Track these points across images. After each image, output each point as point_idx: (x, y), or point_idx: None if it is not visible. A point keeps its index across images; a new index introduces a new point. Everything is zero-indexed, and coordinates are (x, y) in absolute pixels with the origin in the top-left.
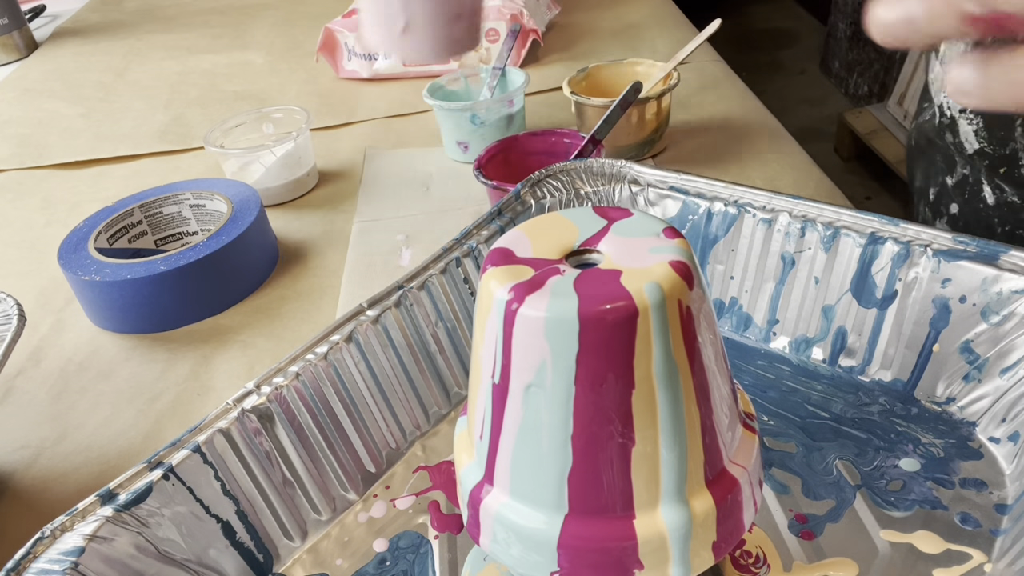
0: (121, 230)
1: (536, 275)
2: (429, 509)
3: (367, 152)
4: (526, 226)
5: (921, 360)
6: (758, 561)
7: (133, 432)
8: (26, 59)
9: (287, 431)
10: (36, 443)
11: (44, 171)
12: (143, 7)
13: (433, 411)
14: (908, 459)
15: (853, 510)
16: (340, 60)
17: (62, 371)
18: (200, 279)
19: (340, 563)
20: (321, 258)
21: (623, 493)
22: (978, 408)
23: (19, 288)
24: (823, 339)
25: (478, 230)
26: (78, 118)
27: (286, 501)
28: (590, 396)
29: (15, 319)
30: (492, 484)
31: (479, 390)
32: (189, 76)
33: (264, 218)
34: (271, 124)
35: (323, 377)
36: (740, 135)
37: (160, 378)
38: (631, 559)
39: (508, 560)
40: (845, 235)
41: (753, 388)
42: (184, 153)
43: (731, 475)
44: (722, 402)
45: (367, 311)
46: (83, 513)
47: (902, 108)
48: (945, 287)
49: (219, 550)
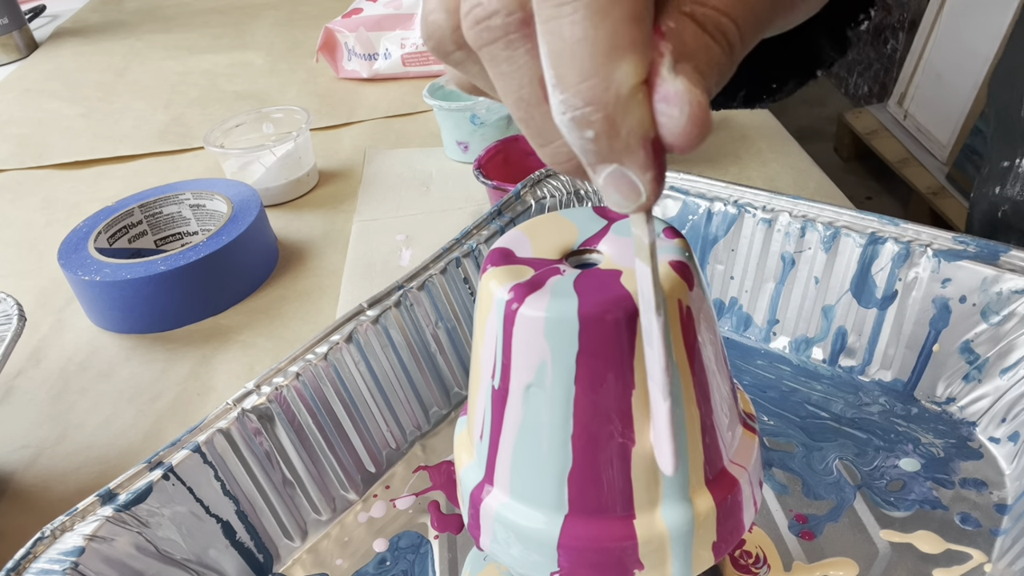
0: (121, 230)
1: (536, 275)
2: (429, 509)
3: (367, 152)
4: (526, 226)
5: (921, 360)
6: (758, 561)
7: (133, 432)
8: (26, 59)
9: (287, 431)
10: (36, 443)
11: (44, 171)
12: (143, 7)
13: (433, 411)
14: (908, 459)
15: (853, 510)
16: (340, 60)
17: (62, 371)
18: (200, 279)
19: (340, 563)
20: (321, 258)
21: (623, 493)
22: (978, 408)
23: (19, 288)
24: (823, 339)
25: (478, 230)
26: (78, 118)
27: (286, 501)
28: (590, 396)
29: (15, 319)
30: (492, 484)
31: (479, 390)
32: (189, 76)
33: (264, 218)
34: (271, 124)
35: (323, 377)
36: (740, 135)
37: (160, 378)
38: (631, 559)
39: (508, 560)
40: (845, 235)
41: (753, 388)
42: (184, 153)
43: (731, 475)
44: (722, 402)
45: (367, 311)
46: (83, 513)
47: (902, 108)
48: (945, 287)
49: (219, 550)
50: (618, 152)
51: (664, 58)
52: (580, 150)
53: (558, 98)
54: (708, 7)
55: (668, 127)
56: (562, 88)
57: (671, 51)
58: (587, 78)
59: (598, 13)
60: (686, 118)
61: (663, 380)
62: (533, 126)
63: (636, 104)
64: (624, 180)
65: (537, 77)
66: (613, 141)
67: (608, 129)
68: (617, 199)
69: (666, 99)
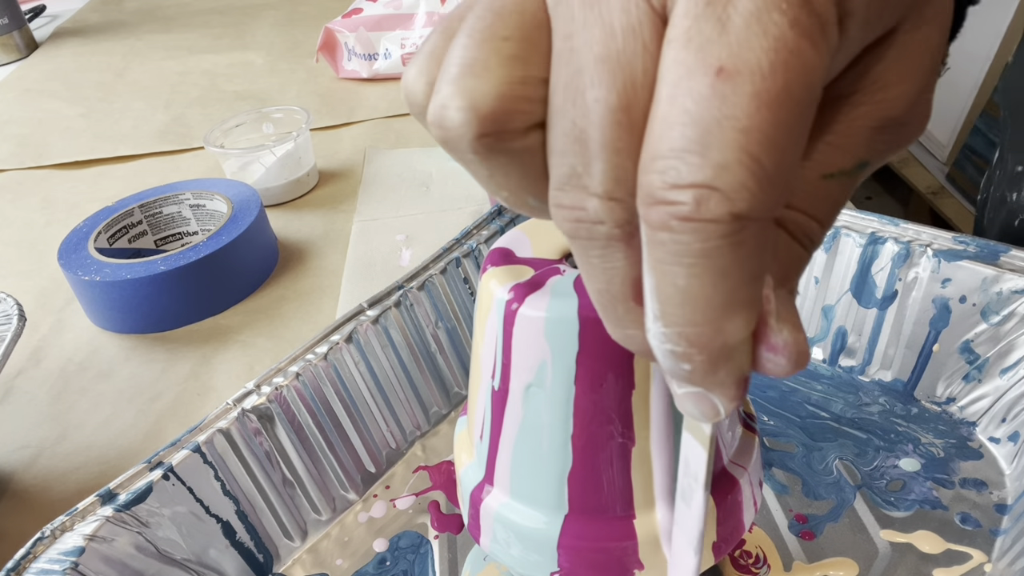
0: (121, 230)
1: (536, 275)
2: (429, 509)
3: (367, 152)
4: (526, 226)
5: (921, 360)
6: (758, 561)
7: (133, 432)
8: (26, 59)
9: (287, 431)
10: (36, 443)
11: (44, 171)
12: (143, 7)
13: (433, 411)
14: (908, 459)
15: (853, 510)
16: (340, 60)
17: (62, 371)
18: (200, 279)
19: (340, 563)
20: (321, 258)
21: (623, 493)
22: (978, 408)
23: (19, 288)
24: (823, 339)
25: (478, 230)
26: (78, 118)
27: (286, 501)
28: (590, 396)
29: (15, 319)
30: (492, 484)
31: (479, 390)
32: (189, 76)
33: (264, 218)
34: (271, 124)
35: (323, 377)
36: None
37: (160, 378)
38: (631, 559)
39: (508, 560)
40: (845, 235)
41: (753, 388)
42: (184, 153)
43: (731, 475)
44: None
45: (367, 311)
46: (83, 513)
47: None
48: (945, 287)
49: (219, 550)
50: (710, 385)
51: (771, 303)
52: (667, 369)
53: (658, 327)
54: (798, 211)
55: (771, 371)
56: (665, 323)
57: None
58: (695, 325)
59: (719, 274)
60: (792, 364)
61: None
62: (612, 317)
63: (740, 352)
64: (706, 402)
65: (630, 280)
66: (708, 378)
67: (707, 369)
68: (692, 412)
69: (773, 348)
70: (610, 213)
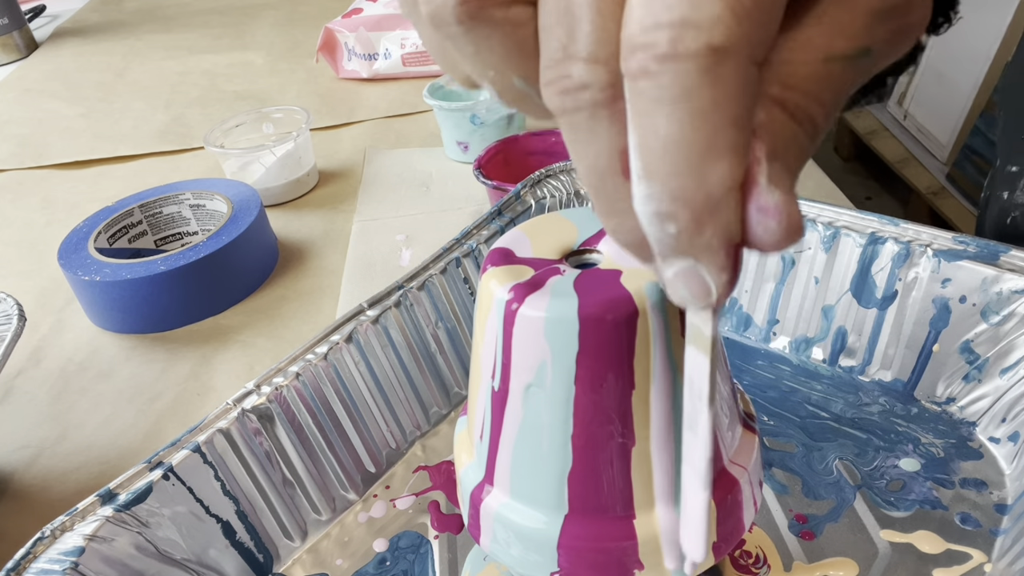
0: (121, 230)
1: (536, 275)
2: (429, 509)
3: (367, 152)
4: (526, 226)
5: (921, 360)
6: (758, 561)
7: (133, 432)
8: (26, 59)
9: (287, 431)
10: (36, 443)
11: (44, 171)
12: (143, 7)
13: (433, 411)
14: (908, 459)
15: (853, 510)
16: (340, 60)
17: (62, 371)
18: (200, 279)
19: (340, 563)
20: (321, 258)
21: (623, 493)
22: (978, 408)
23: (19, 288)
24: (823, 339)
25: (478, 230)
26: (78, 118)
27: (286, 501)
28: (590, 396)
29: (15, 319)
30: (492, 484)
31: (479, 390)
32: (189, 76)
33: (264, 218)
34: (271, 124)
35: (323, 377)
36: None
37: (160, 378)
38: (631, 559)
39: (508, 560)
40: (845, 235)
41: (753, 388)
42: (184, 153)
43: (731, 475)
44: (722, 402)
45: (367, 311)
46: (83, 513)
47: (902, 108)
48: (945, 287)
49: (219, 550)
50: (697, 250)
51: (761, 164)
52: (655, 240)
53: (642, 188)
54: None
55: (761, 236)
56: (649, 179)
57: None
58: (678, 175)
59: (699, 115)
60: (783, 230)
61: (705, 471)
62: (603, 196)
63: (726, 207)
64: (696, 278)
65: (618, 150)
66: (695, 239)
67: (693, 228)
68: (683, 295)
69: (763, 210)
70: (594, 74)
